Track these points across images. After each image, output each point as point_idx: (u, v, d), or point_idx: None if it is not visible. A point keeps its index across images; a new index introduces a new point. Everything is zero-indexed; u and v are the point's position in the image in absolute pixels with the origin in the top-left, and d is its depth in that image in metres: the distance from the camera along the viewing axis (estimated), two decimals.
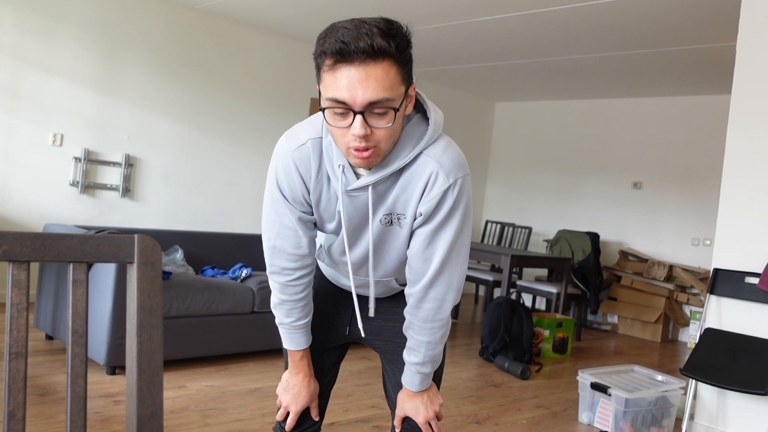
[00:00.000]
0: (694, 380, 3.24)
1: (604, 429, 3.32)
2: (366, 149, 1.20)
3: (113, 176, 5.23)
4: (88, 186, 5.08)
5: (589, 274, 6.28)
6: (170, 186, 5.55)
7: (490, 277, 6.29)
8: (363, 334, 1.55)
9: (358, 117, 1.16)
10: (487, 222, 7.64)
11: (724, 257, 3.45)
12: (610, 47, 5.30)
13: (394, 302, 1.56)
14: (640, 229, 6.90)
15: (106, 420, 2.75)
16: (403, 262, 1.43)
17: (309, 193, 1.36)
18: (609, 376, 3.52)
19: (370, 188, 1.30)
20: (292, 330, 1.49)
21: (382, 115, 1.18)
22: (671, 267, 6.38)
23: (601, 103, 7.38)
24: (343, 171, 1.29)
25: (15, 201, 4.77)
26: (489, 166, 8.44)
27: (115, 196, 5.25)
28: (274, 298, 1.48)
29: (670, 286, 6.34)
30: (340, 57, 1.14)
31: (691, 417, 3.43)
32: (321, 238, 1.51)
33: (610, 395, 3.25)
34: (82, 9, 4.97)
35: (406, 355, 1.47)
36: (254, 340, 3.95)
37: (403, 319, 1.52)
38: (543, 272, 7.36)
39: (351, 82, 1.14)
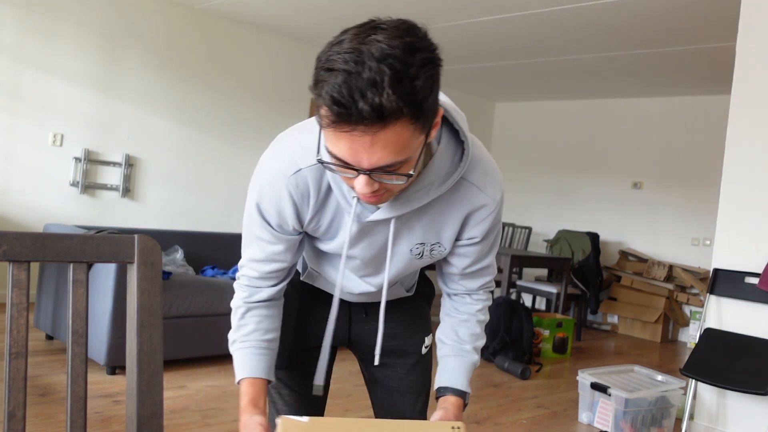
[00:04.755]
0: (694, 380, 3.24)
1: (604, 429, 3.32)
2: (374, 196, 1.01)
3: (113, 176, 5.23)
4: (88, 186, 5.08)
5: (589, 274, 6.29)
6: (170, 186, 5.55)
7: None
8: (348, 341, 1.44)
9: (363, 177, 0.96)
10: None
11: (724, 257, 3.45)
12: (610, 47, 5.30)
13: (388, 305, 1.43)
14: (640, 229, 6.90)
15: (106, 420, 2.75)
16: (417, 272, 1.34)
17: (303, 222, 1.18)
18: (609, 376, 3.52)
19: (392, 221, 1.14)
20: (246, 346, 1.22)
21: (392, 173, 0.96)
22: (671, 267, 6.38)
23: (601, 103, 7.38)
24: (358, 201, 1.10)
25: (15, 201, 4.77)
26: None
27: (115, 196, 5.25)
28: (235, 302, 1.27)
29: (670, 286, 6.34)
30: (337, 119, 0.90)
31: (691, 417, 3.43)
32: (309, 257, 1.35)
33: (610, 395, 3.25)
34: (82, 9, 4.97)
35: (467, 355, 1.30)
36: None
37: (397, 320, 1.44)
38: (543, 272, 7.36)
39: (353, 146, 0.92)
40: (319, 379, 1.22)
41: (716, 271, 3.46)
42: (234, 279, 4.09)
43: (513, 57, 5.99)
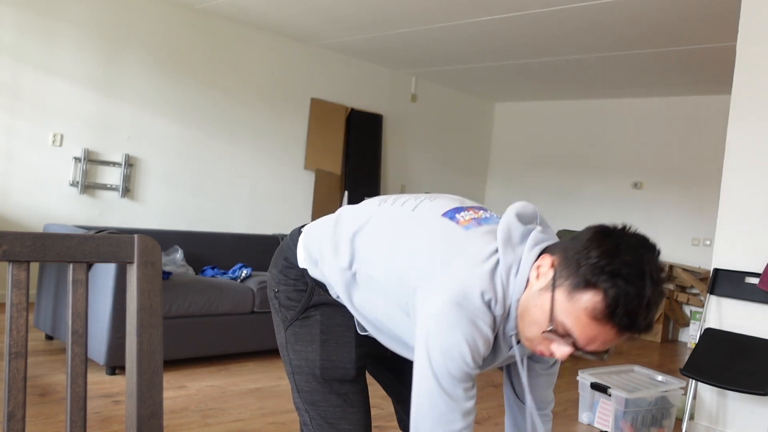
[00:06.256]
0: (694, 380, 3.24)
1: (604, 429, 3.32)
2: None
3: (113, 176, 5.23)
4: (88, 186, 5.08)
5: None
6: (170, 186, 5.55)
7: None
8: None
9: (571, 350, 1.12)
10: None
11: (724, 257, 3.44)
12: (610, 47, 5.30)
13: None
14: (640, 229, 6.88)
15: (106, 420, 2.75)
16: None
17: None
18: (609, 376, 3.51)
19: (525, 357, 1.30)
20: None
21: (597, 355, 1.14)
22: (671, 267, 6.38)
23: (601, 103, 7.38)
24: (518, 342, 1.24)
25: (15, 201, 4.77)
26: (489, 166, 8.44)
27: (115, 196, 5.25)
28: None
29: (670, 286, 6.34)
30: (611, 321, 1.06)
31: (691, 417, 3.43)
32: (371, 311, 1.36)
33: (610, 395, 3.25)
34: (82, 9, 4.97)
35: None
36: (254, 340, 3.94)
37: None
38: None
39: (596, 336, 1.09)
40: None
41: (716, 271, 3.46)
42: (234, 279, 4.10)
43: (513, 57, 5.98)
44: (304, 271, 1.44)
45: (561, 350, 1.11)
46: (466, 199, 1.39)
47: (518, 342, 1.24)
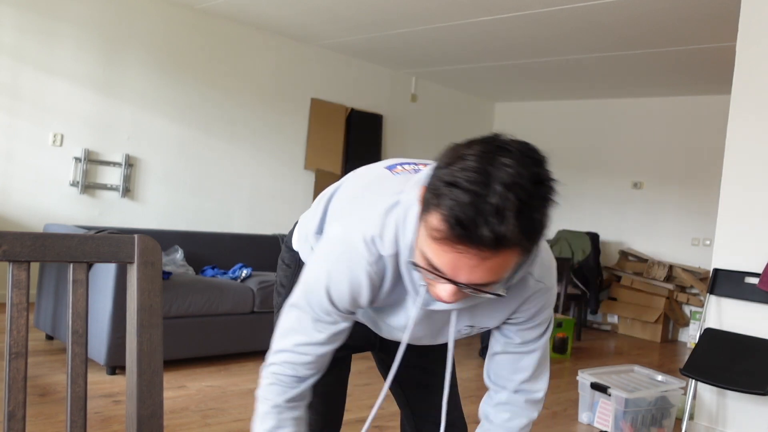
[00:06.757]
0: (693, 380, 3.24)
1: (604, 429, 3.32)
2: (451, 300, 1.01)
3: (113, 176, 5.23)
4: (88, 186, 5.08)
5: (589, 274, 6.28)
6: (170, 186, 5.55)
7: None
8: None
9: (452, 287, 0.96)
10: None
11: (724, 257, 3.44)
12: (610, 47, 5.30)
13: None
14: (640, 229, 6.90)
15: (106, 420, 2.75)
16: None
17: (371, 302, 1.16)
18: (609, 376, 3.51)
19: (454, 312, 1.15)
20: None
21: (484, 291, 0.97)
22: (671, 267, 6.38)
23: (601, 103, 7.38)
24: (427, 291, 1.09)
25: (15, 201, 4.77)
26: None
27: (115, 196, 5.25)
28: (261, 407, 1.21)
29: (670, 286, 6.34)
30: (452, 238, 0.89)
31: (691, 417, 3.43)
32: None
33: (610, 395, 3.25)
34: (82, 9, 4.97)
35: None
36: (254, 340, 3.95)
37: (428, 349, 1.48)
38: None
39: (457, 264, 0.91)
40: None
41: (716, 271, 3.46)
42: (234, 279, 4.10)
43: (513, 57, 5.98)
44: (296, 254, 1.46)
45: (443, 289, 0.97)
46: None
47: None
